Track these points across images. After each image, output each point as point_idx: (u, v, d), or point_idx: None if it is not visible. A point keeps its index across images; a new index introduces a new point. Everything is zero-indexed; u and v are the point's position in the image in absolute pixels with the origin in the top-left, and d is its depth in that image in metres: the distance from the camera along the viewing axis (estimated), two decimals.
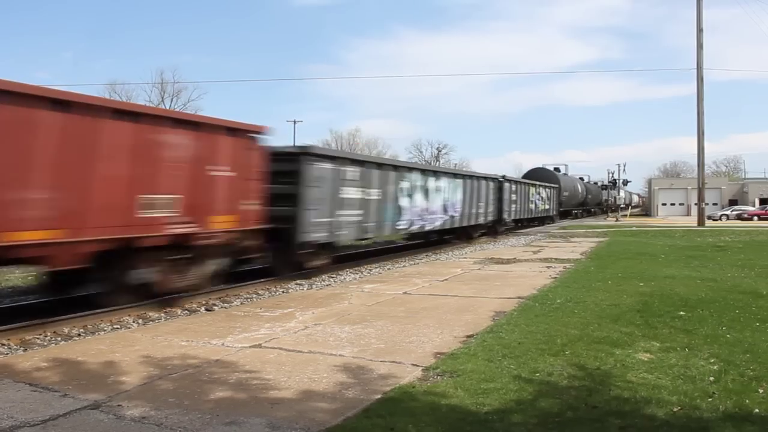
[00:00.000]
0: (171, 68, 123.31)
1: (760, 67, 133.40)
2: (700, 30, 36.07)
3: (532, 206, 33.98)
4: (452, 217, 21.07)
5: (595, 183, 70.99)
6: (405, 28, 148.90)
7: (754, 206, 61.66)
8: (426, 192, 18.81)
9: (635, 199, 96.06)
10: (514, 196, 29.18)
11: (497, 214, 26.43)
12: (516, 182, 30.60)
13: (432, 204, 19.32)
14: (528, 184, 33.88)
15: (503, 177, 27.73)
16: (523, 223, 33.42)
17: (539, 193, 36.23)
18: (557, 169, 51.28)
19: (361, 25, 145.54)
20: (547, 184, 39.27)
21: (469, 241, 23.14)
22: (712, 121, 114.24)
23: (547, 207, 38.44)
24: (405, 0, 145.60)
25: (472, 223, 23.32)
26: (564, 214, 48.54)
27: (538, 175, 43.76)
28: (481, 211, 24.23)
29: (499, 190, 26.71)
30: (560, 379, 5.26)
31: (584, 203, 57.85)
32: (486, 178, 25.63)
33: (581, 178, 61.63)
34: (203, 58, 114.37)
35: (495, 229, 26.83)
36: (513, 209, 29.31)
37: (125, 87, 71.19)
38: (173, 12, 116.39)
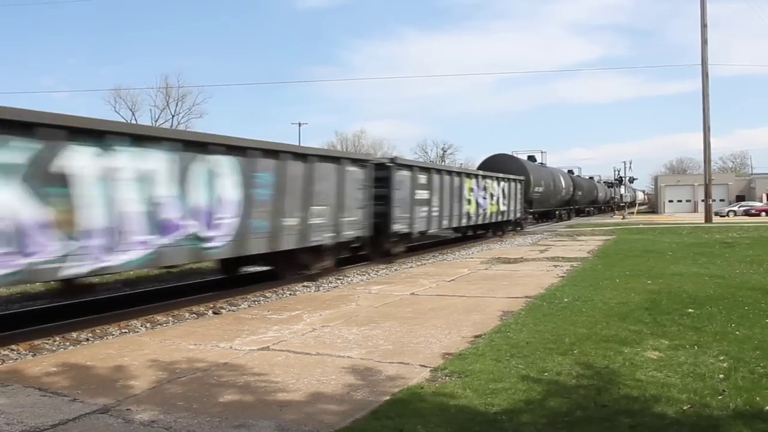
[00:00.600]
0: (175, 73, 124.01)
1: (764, 62, 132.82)
2: (704, 25, 35.93)
3: (471, 209, 22.20)
4: (199, 239, 9.52)
5: (590, 177, 65.50)
6: (407, 29, 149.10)
7: (761, 202, 61.36)
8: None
9: (640, 196, 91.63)
10: (425, 194, 17.88)
11: (370, 225, 14.80)
12: (432, 171, 19.10)
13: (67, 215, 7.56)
14: (462, 174, 22.02)
15: (392, 161, 16.37)
16: (463, 232, 23.68)
17: (487, 189, 24.21)
18: (532, 158, 40.21)
19: (363, 27, 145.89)
20: (504, 176, 26.86)
21: (311, 278, 12.52)
22: (717, 117, 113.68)
23: (504, 208, 26.40)
24: (407, 0, 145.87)
25: (287, 246, 11.60)
26: (542, 216, 39.89)
27: (497, 164, 30.76)
28: (321, 221, 12.65)
29: (386, 182, 15.57)
30: (569, 378, 5.24)
31: (572, 201, 47.37)
32: (338, 158, 13.55)
33: (570, 171, 52.51)
34: (207, 62, 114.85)
35: (381, 247, 16.00)
36: (423, 215, 17.89)
37: (130, 92, 71.61)
38: (177, 17, 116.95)
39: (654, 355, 5.93)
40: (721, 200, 63.59)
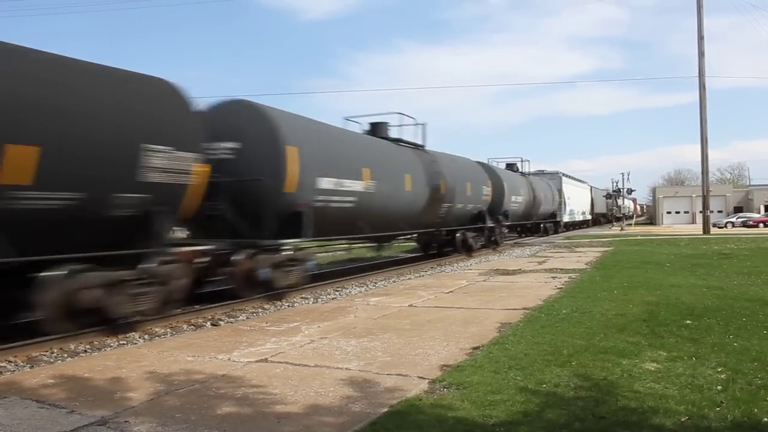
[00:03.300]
0: (176, 84, 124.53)
1: (761, 74, 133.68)
2: (701, 38, 36.17)
3: None
4: None
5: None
6: (407, 42, 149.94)
7: (759, 213, 61.51)
8: None
9: (630, 205, 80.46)
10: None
11: None
12: None
13: None
14: None
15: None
16: None
17: None
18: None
19: (363, 40, 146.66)
20: None
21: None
22: (715, 129, 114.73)
23: None
24: (407, 14, 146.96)
25: None
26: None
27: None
28: None
29: None
30: (567, 390, 5.24)
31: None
32: None
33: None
34: (208, 73, 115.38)
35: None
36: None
37: None
38: (178, 29, 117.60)
39: (652, 367, 5.93)
40: (719, 212, 63.74)
